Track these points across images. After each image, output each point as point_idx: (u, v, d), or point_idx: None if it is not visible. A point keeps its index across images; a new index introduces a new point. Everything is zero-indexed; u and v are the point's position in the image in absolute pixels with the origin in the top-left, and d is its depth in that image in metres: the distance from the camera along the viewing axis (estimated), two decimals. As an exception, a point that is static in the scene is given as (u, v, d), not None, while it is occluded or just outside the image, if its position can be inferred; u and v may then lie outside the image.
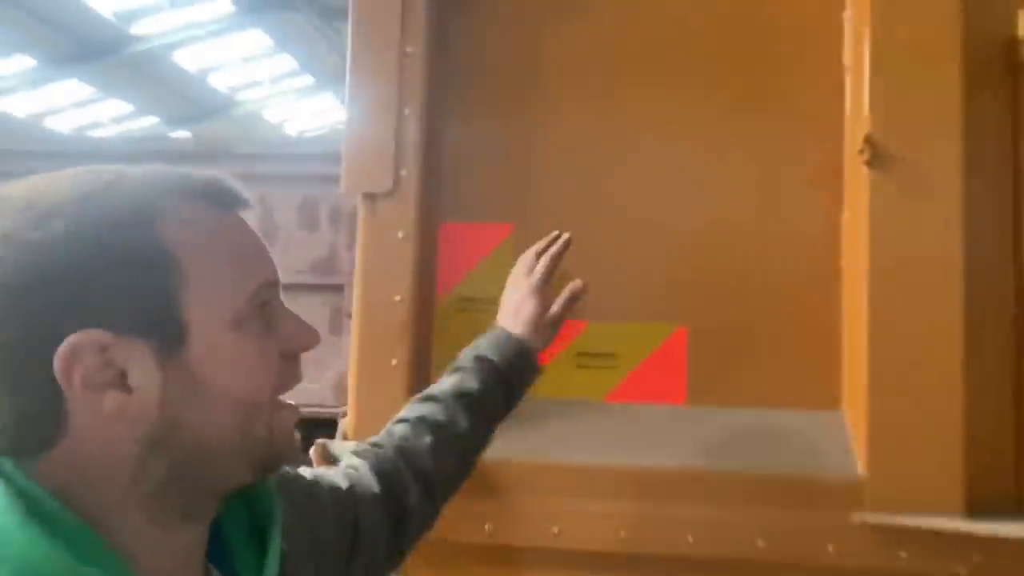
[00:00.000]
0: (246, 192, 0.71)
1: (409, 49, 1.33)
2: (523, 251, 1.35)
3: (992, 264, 1.26)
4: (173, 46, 12.64)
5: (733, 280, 1.35)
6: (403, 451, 1.03)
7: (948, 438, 1.18)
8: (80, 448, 0.63)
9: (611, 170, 1.38)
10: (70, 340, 0.60)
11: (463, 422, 1.07)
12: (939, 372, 1.19)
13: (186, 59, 13.19)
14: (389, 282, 1.32)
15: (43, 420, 0.62)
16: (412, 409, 1.09)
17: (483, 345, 1.14)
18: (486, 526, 1.25)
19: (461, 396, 1.08)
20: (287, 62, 14.15)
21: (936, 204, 1.21)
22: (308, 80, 14.99)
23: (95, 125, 14.29)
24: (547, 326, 1.17)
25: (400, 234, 1.32)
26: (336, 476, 0.96)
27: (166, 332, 0.63)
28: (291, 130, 16.56)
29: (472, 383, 1.09)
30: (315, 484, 0.92)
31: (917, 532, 1.18)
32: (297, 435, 0.74)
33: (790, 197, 1.35)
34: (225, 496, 0.71)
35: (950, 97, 1.22)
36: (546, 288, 1.19)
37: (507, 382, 1.12)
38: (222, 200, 0.69)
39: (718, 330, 1.34)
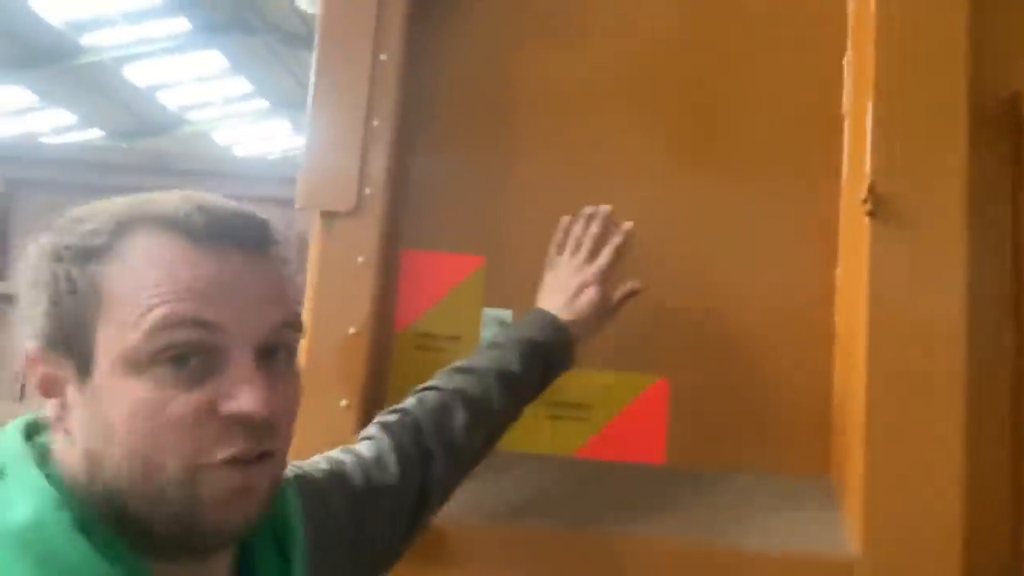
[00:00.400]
0: (247, 228, 0.68)
1: (383, 57, 1.21)
2: (494, 286, 1.23)
3: (991, 326, 1.19)
4: (124, 60, 12.30)
5: (718, 332, 1.25)
6: (436, 423, 1.01)
7: (948, 513, 1.08)
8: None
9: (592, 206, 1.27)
10: (25, 347, 0.66)
11: (498, 401, 1.05)
12: (939, 446, 1.10)
13: (136, 74, 12.85)
14: (344, 312, 1.18)
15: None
16: (449, 379, 1.06)
17: (528, 326, 1.11)
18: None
19: (500, 375, 1.06)
20: (242, 84, 13.91)
21: (939, 260, 1.13)
22: (262, 104, 14.75)
23: (35, 134, 13.75)
24: (606, 316, 1.17)
25: (360, 259, 1.18)
26: (356, 461, 0.95)
27: (77, 357, 0.65)
28: (239, 153, 16.24)
29: (514, 364, 1.07)
30: (330, 478, 0.90)
31: (911, 618, 1.08)
32: (261, 495, 0.67)
33: (780, 247, 1.26)
34: (211, 548, 0.67)
35: (955, 150, 1.15)
36: (610, 276, 1.17)
37: (547, 367, 1.11)
38: (201, 233, 0.65)
39: (701, 385, 1.23)
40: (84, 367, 0.64)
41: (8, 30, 10.89)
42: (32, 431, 0.69)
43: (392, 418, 1.02)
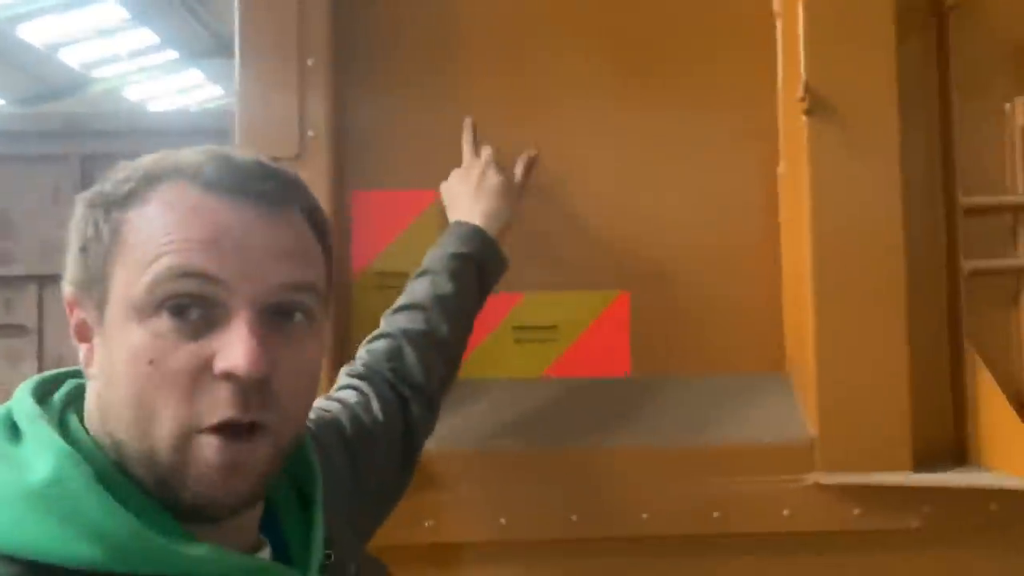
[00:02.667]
0: (266, 182, 0.66)
1: (310, -10, 1.17)
2: (448, 223, 1.22)
3: (926, 213, 1.25)
4: (17, 19, 11.51)
5: (672, 241, 1.28)
6: (393, 369, 1.02)
7: (896, 395, 1.16)
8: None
9: (541, 135, 1.27)
10: (64, 292, 0.68)
11: (444, 327, 1.06)
12: (885, 329, 1.16)
13: (32, 33, 12.06)
14: (300, 259, 1.17)
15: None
16: (391, 322, 1.06)
17: (449, 242, 1.12)
18: (426, 523, 1.14)
19: (437, 300, 1.07)
20: (146, 36, 13.18)
21: (876, 152, 1.18)
22: (171, 55, 14.04)
23: (-73, 108, 12.90)
24: (515, 193, 1.19)
25: (310, 205, 1.17)
26: (342, 411, 0.95)
27: (97, 301, 0.65)
28: (155, 108, 15.52)
29: (446, 285, 1.08)
30: (325, 428, 0.91)
31: (869, 489, 1.16)
32: (255, 470, 0.64)
33: (723, 151, 1.29)
34: (204, 518, 0.64)
35: (884, 42, 1.18)
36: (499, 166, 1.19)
37: (480, 273, 1.11)
38: (217, 183, 0.65)
39: (660, 295, 1.27)
40: (101, 311, 0.64)
41: None
42: (45, 390, 0.68)
43: (359, 369, 1.02)
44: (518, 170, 1.23)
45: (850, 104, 1.17)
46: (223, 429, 0.62)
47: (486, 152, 1.21)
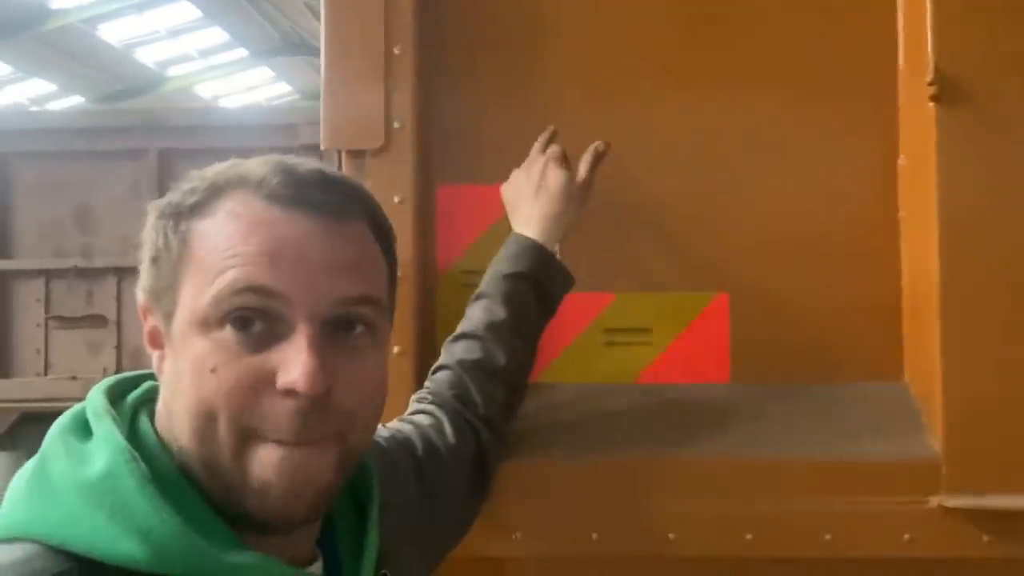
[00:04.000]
0: (328, 193, 0.66)
1: (397, -23, 1.12)
2: None
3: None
4: (96, 20, 11.93)
5: (776, 239, 1.19)
6: (458, 397, 1.01)
7: (1032, 408, 1.04)
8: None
9: (636, 128, 1.20)
10: (138, 300, 0.70)
11: (500, 354, 1.03)
12: (1020, 335, 1.05)
13: (110, 33, 12.49)
14: (385, 256, 1.12)
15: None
16: (449, 352, 1.06)
17: (503, 260, 1.07)
18: (514, 535, 1.08)
19: (492, 327, 1.04)
20: (217, 34, 13.51)
21: (1013, 143, 1.06)
22: (241, 53, 14.36)
23: (16, 106, 13.47)
24: (579, 193, 1.10)
25: (396, 199, 1.12)
26: (415, 432, 0.95)
27: (167, 310, 0.66)
28: (226, 105, 15.91)
29: (499, 311, 1.04)
30: (397, 448, 0.91)
31: (1000, 513, 1.05)
32: (317, 482, 0.65)
33: (836, 143, 1.19)
34: (271, 529, 0.65)
35: (1021, 21, 1.07)
36: (565, 162, 1.11)
37: (538, 292, 1.07)
38: (280, 195, 0.65)
39: (762, 296, 1.18)
40: (170, 321, 0.66)
41: (-26, 0, 10.54)
42: (119, 391, 0.69)
43: (429, 396, 1.02)
44: (583, 167, 1.12)
45: (985, 89, 1.06)
46: (283, 441, 0.63)
47: (551, 149, 1.12)
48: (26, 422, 4.26)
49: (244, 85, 15.80)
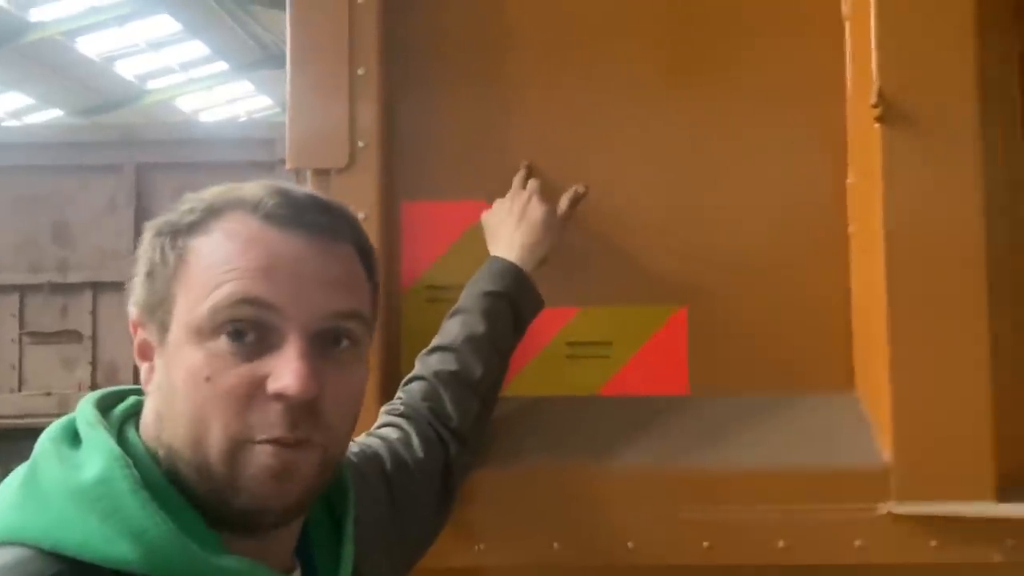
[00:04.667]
0: (320, 215, 0.70)
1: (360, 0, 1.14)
2: None
3: (1008, 226, 1.17)
4: (75, 32, 11.88)
5: (733, 255, 1.22)
6: (431, 410, 1.04)
7: (976, 418, 1.08)
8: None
9: (595, 143, 1.23)
10: (129, 314, 0.73)
11: (477, 367, 1.06)
12: (965, 347, 1.09)
13: (89, 46, 12.43)
14: (350, 273, 1.14)
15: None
16: (425, 364, 1.08)
17: (483, 279, 1.11)
18: (478, 546, 1.10)
19: (469, 340, 1.07)
20: (197, 48, 13.49)
21: (955, 162, 1.10)
22: (221, 66, 14.34)
23: (-8, 119, 13.37)
24: (557, 226, 1.16)
25: (361, 215, 1.13)
26: (383, 447, 0.97)
27: (160, 323, 0.69)
28: (206, 119, 15.86)
29: (478, 325, 1.08)
30: (367, 462, 0.93)
31: (947, 520, 1.09)
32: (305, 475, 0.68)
33: (788, 161, 1.23)
34: (255, 527, 0.68)
35: (964, 45, 1.11)
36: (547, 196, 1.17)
37: (515, 312, 1.11)
38: (275, 215, 0.69)
39: (719, 310, 1.22)
40: (164, 333, 0.69)
41: (-50, 13, 10.47)
42: (107, 403, 0.72)
43: (399, 408, 1.05)
44: (563, 203, 1.18)
45: (927, 111, 1.10)
46: (273, 441, 0.66)
47: (532, 183, 1.18)
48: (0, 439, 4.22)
49: (225, 98, 15.75)
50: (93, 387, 4.29)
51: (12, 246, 4.41)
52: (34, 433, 0.73)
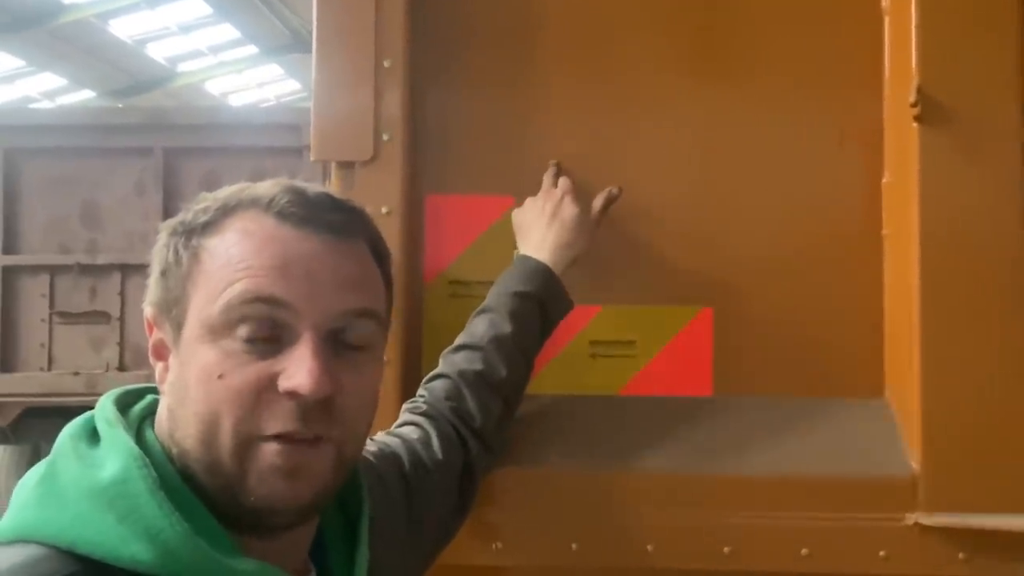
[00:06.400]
0: (333, 214, 0.69)
1: (387, -9, 1.13)
2: None
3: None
4: (108, 15, 11.98)
5: (761, 254, 1.20)
6: (453, 409, 1.02)
7: (1011, 427, 1.05)
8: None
9: (621, 138, 1.21)
10: (144, 313, 0.72)
11: (501, 368, 1.05)
12: (1000, 354, 1.06)
13: (122, 28, 12.53)
14: (372, 266, 1.14)
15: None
16: (449, 362, 1.06)
17: (512, 278, 1.09)
18: (494, 544, 1.09)
19: (495, 340, 1.05)
20: (227, 31, 13.56)
21: (995, 164, 1.07)
22: (251, 50, 14.41)
23: (26, 100, 13.55)
24: (589, 228, 1.13)
25: (384, 209, 1.13)
26: (402, 446, 0.96)
27: (175, 322, 0.69)
28: (235, 102, 15.97)
29: (505, 325, 1.06)
30: (382, 458, 0.92)
31: (976, 532, 1.06)
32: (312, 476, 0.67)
33: (822, 160, 1.20)
34: (266, 526, 0.67)
35: (1007, 43, 1.07)
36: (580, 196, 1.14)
37: (542, 313, 1.09)
38: (288, 214, 0.68)
39: (745, 310, 1.19)
40: (178, 332, 0.68)
41: (-13, -6, 10.60)
42: (126, 402, 0.72)
43: (421, 406, 1.03)
44: (597, 204, 1.16)
45: (967, 110, 1.07)
46: (284, 437, 0.65)
47: (564, 182, 1.15)
48: (29, 416, 4.30)
49: (254, 82, 15.84)
50: (120, 368, 4.36)
51: (42, 227, 4.48)
52: (62, 411, 0.74)
